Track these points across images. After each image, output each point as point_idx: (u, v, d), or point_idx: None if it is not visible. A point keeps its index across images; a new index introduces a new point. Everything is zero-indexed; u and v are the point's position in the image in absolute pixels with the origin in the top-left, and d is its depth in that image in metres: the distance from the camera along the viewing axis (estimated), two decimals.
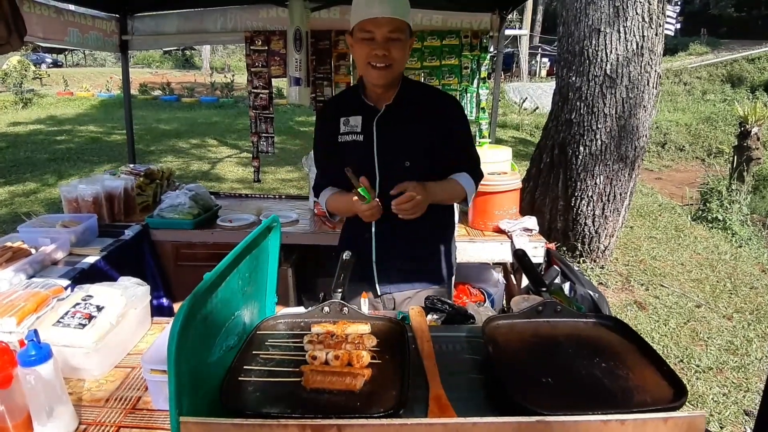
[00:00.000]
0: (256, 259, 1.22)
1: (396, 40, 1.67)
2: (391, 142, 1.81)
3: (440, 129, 1.82)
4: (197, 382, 0.93)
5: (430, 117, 1.81)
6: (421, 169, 1.80)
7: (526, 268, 1.45)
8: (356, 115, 1.84)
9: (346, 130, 1.85)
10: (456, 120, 1.87)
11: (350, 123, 1.85)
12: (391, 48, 1.67)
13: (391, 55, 1.68)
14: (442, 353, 1.21)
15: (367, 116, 1.82)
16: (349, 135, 1.84)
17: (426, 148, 1.82)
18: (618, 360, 1.12)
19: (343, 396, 0.96)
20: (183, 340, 0.80)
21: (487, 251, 2.84)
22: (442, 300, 1.50)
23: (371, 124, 1.81)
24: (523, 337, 1.22)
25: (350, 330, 1.19)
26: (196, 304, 0.85)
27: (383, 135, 1.81)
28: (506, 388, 0.97)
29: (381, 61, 1.68)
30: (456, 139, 1.87)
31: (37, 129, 12.38)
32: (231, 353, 1.08)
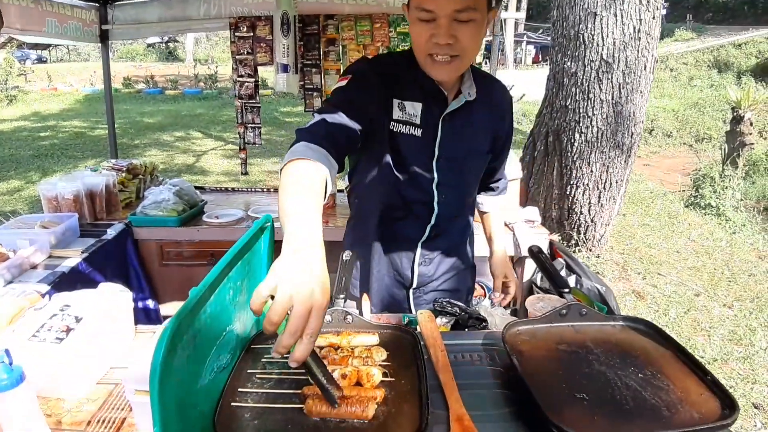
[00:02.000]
0: (249, 264, 1.09)
1: (467, 22, 1.22)
2: (458, 145, 1.45)
3: (501, 132, 1.56)
4: (186, 408, 0.80)
5: (496, 115, 1.52)
6: (477, 182, 1.61)
7: (543, 267, 1.33)
8: (415, 101, 1.39)
9: (401, 117, 1.39)
10: (512, 122, 1.60)
11: (407, 110, 1.39)
12: (459, 32, 1.23)
13: (459, 42, 1.24)
14: (458, 364, 1.10)
15: (431, 106, 1.40)
16: (405, 126, 1.39)
17: (485, 155, 1.55)
18: (656, 368, 1.01)
19: (354, 423, 0.84)
20: (167, 367, 0.68)
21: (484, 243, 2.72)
22: (452, 302, 1.38)
23: (436, 119, 1.41)
24: (548, 345, 1.10)
25: (356, 342, 1.07)
26: (182, 325, 0.72)
27: (448, 134, 1.42)
28: (539, 407, 0.86)
29: (445, 51, 1.25)
30: (506, 147, 1.64)
31: (21, 126, 12.11)
32: (224, 373, 0.95)
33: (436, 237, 1.56)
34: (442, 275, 1.63)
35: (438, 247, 1.58)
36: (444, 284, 1.65)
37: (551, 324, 1.16)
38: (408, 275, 1.59)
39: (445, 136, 1.42)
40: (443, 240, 1.58)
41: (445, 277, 1.64)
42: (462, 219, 1.63)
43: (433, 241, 1.56)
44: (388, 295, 1.63)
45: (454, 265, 1.65)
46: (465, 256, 1.72)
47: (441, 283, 1.64)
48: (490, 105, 1.49)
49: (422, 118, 1.40)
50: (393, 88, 1.39)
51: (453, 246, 1.63)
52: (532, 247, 1.41)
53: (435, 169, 1.45)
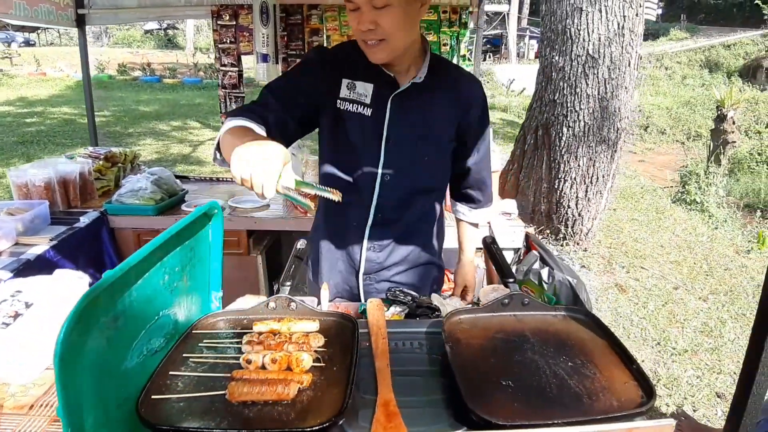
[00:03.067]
0: (191, 250, 1.09)
1: (384, 8, 1.29)
2: (408, 128, 1.47)
3: (466, 125, 1.54)
4: (109, 392, 0.81)
5: (460, 107, 1.51)
6: (439, 171, 1.58)
7: (492, 256, 1.34)
8: (366, 82, 1.46)
9: (349, 96, 1.47)
10: (485, 118, 1.57)
11: (357, 89, 1.46)
12: (379, 18, 1.30)
13: (381, 27, 1.31)
14: (399, 352, 1.11)
15: (381, 88, 1.46)
16: (353, 104, 1.47)
17: (447, 142, 1.54)
18: (587, 358, 1.03)
19: (277, 407, 0.85)
20: (72, 348, 0.68)
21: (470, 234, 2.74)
22: (405, 291, 1.39)
23: (385, 99, 1.46)
24: (486, 334, 1.12)
25: (296, 328, 1.08)
26: (94, 305, 0.73)
27: (399, 117, 1.47)
28: (461, 394, 0.87)
29: (371, 36, 1.33)
30: (479, 144, 1.59)
31: (5, 111, 11.94)
32: (156, 357, 0.96)
33: (385, 223, 1.55)
34: (395, 265, 1.61)
35: (389, 235, 1.57)
36: (400, 276, 1.63)
37: (493, 313, 1.18)
38: (357, 260, 1.60)
39: (394, 118, 1.46)
40: (395, 228, 1.56)
41: (400, 268, 1.62)
42: (416, 209, 1.57)
43: (381, 227, 1.55)
44: (341, 281, 1.64)
45: (411, 258, 1.63)
46: (428, 250, 1.68)
47: (395, 273, 1.62)
48: (455, 96, 1.51)
49: (372, 99, 1.45)
50: (343, 70, 1.47)
51: (408, 236, 1.60)
52: (485, 237, 1.42)
53: (383, 150, 1.48)
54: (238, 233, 2.86)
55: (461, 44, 3.61)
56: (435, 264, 1.73)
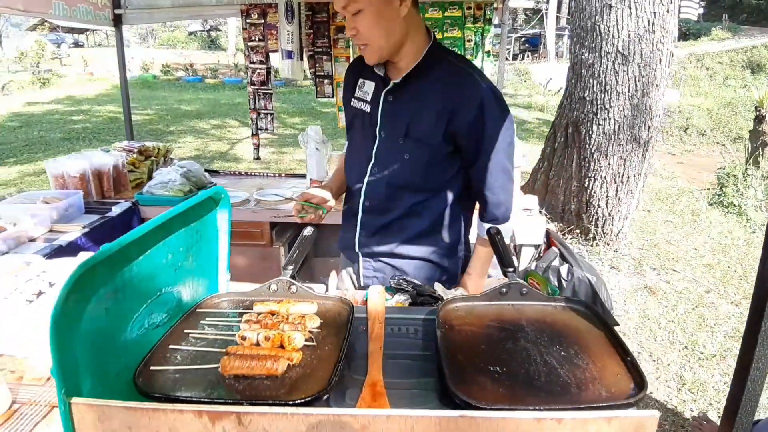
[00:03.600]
0: (198, 233, 1.14)
1: (357, 14, 1.37)
2: (394, 124, 1.52)
3: (456, 128, 1.47)
4: (107, 361, 0.86)
5: (447, 109, 1.46)
6: (422, 170, 1.52)
7: (495, 247, 1.35)
8: (370, 81, 1.56)
9: (358, 95, 1.59)
10: (484, 122, 1.46)
11: (364, 88, 1.57)
12: (357, 23, 1.39)
13: (359, 32, 1.40)
14: (394, 336, 1.13)
15: (378, 86, 1.54)
16: (359, 102, 1.59)
17: (434, 143, 1.49)
18: (581, 348, 1.02)
19: (267, 381, 0.89)
20: (70, 313, 0.73)
21: None
22: (408, 280, 1.41)
23: (379, 97, 1.53)
24: (480, 321, 1.12)
25: (294, 309, 1.11)
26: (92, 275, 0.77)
27: (389, 114, 1.52)
28: (445, 377, 0.88)
29: (356, 41, 1.45)
30: (475, 148, 1.49)
31: (54, 109, 12.49)
32: (158, 331, 1.00)
33: (373, 212, 1.62)
34: (387, 255, 1.65)
35: (377, 223, 1.63)
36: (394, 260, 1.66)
37: (491, 302, 1.18)
38: (354, 243, 1.69)
39: (385, 114, 1.54)
40: (382, 218, 1.61)
41: (392, 260, 1.66)
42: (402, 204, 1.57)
43: (370, 215, 1.63)
44: (347, 260, 1.78)
45: (401, 251, 1.64)
46: (425, 248, 1.65)
47: (389, 263, 1.66)
48: (443, 97, 1.47)
49: (372, 96, 1.56)
50: (361, 72, 1.61)
51: (398, 229, 1.61)
52: (490, 229, 1.42)
53: (375, 146, 1.57)
54: (262, 225, 2.93)
55: (486, 40, 3.59)
56: (437, 265, 1.68)
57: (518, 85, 16.67)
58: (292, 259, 1.24)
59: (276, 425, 0.72)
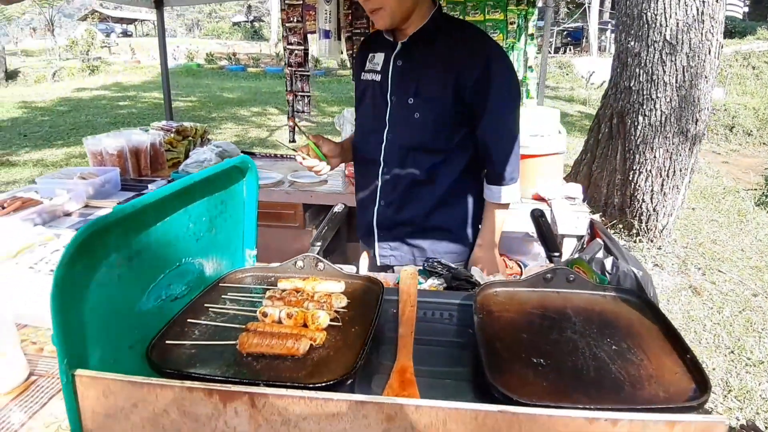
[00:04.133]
0: (222, 203, 1.08)
1: None
2: (404, 87, 1.54)
3: (464, 86, 1.48)
4: (120, 331, 0.81)
5: (454, 67, 1.48)
6: (432, 130, 1.54)
7: (539, 230, 1.24)
8: (380, 52, 1.59)
9: (368, 68, 1.62)
10: (490, 78, 1.48)
11: (374, 60, 1.61)
12: None
13: None
14: (427, 321, 1.04)
15: (388, 53, 1.56)
16: (370, 74, 1.62)
17: (442, 102, 1.51)
18: (634, 342, 0.91)
19: (287, 362, 0.82)
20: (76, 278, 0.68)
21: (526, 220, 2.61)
22: (442, 263, 1.32)
23: (389, 64, 1.56)
24: (523, 308, 1.02)
25: (321, 288, 1.04)
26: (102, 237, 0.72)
27: (399, 78, 1.55)
28: (483, 366, 0.79)
29: (368, 6, 1.45)
30: (482, 105, 1.51)
31: (101, 95, 12.88)
32: (177, 303, 0.95)
33: (392, 180, 1.62)
34: (405, 225, 1.66)
35: (396, 192, 1.63)
36: (411, 238, 1.67)
37: (534, 288, 1.08)
38: (372, 215, 1.69)
39: (395, 79, 1.55)
40: (401, 185, 1.62)
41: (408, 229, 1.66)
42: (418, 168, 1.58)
43: (389, 184, 1.63)
44: (364, 234, 1.76)
45: (419, 221, 1.64)
46: (441, 217, 1.65)
47: (406, 234, 1.66)
48: (450, 55, 1.50)
49: (383, 65, 1.58)
50: (370, 47, 1.65)
51: (415, 197, 1.62)
52: (534, 210, 1.32)
53: (388, 112, 1.58)
54: (295, 206, 2.89)
55: (529, 23, 3.43)
56: (455, 236, 1.68)
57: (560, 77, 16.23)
58: (321, 236, 1.17)
59: (292, 410, 0.65)
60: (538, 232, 1.26)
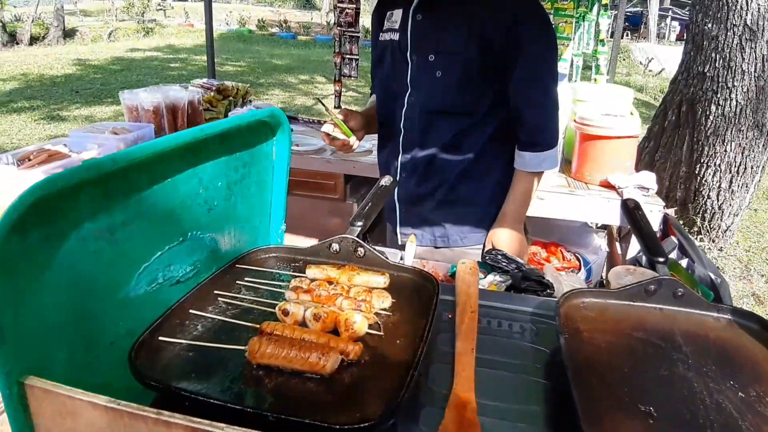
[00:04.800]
0: (245, 167, 0.87)
1: None
2: (424, 43, 1.39)
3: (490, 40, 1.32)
4: (98, 324, 0.62)
5: (479, 20, 1.32)
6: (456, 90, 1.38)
7: (637, 226, 0.98)
8: (398, 9, 1.45)
9: (386, 26, 1.48)
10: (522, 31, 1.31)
11: (392, 18, 1.47)
12: None
13: None
14: (491, 333, 0.82)
15: (407, 9, 1.42)
16: (388, 33, 1.48)
17: (466, 57, 1.34)
18: (765, 389, 0.67)
19: (309, 382, 0.61)
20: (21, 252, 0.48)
21: (590, 209, 2.33)
22: (508, 256, 1.09)
23: (407, 20, 1.41)
24: (619, 329, 0.79)
25: (359, 280, 0.83)
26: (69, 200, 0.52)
27: (419, 34, 1.40)
28: (576, 415, 0.57)
29: None
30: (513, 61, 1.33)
31: (153, 56, 13.00)
32: (179, 288, 0.76)
33: (413, 148, 1.47)
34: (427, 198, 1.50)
35: (417, 161, 1.47)
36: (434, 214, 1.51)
37: (632, 302, 0.84)
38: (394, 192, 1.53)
39: (415, 35, 1.40)
40: (422, 155, 1.46)
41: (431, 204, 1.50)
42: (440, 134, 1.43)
43: (410, 153, 1.48)
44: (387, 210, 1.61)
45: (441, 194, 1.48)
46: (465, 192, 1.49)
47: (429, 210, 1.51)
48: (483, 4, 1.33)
49: (401, 23, 1.42)
50: (387, 5, 1.50)
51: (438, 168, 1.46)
52: (627, 200, 1.06)
53: (409, 72, 1.42)
54: (336, 177, 2.69)
55: None
56: (480, 210, 1.51)
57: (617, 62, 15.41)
58: (363, 214, 0.95)
59: None
60: (633, 227, 1.00)
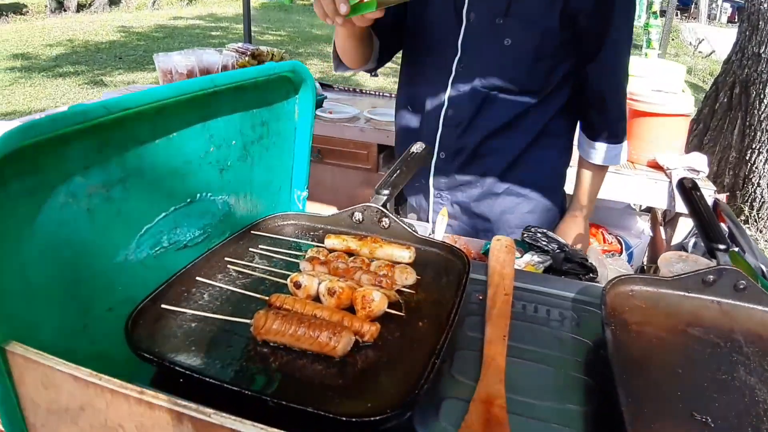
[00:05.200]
0: (263, 125, 0.80)
1: None
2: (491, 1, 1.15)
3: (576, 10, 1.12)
4: (91, 289, 0.57)
5: None
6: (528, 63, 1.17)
7: (695, 209, 0.87)
8: None
9: None
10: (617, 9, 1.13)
11: None
12: None
13: None
14: (527, 320, 0.73)
15: None
16: None
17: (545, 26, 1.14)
18: None
19: (317, 364, 0.55)
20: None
21: (635, 190, 2.21)
22: (549, 235, 1.00)
23: None
24: (672, 323, 0.69)
25: (381, 253, 0.76)
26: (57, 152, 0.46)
27: None
28: (622, 419, 0.49)
29: None
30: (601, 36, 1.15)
31: (196, 24, 13.06)
32: (186, 253, 0.70)
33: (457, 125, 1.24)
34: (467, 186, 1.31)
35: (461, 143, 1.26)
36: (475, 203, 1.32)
37: (687, 293, 0.74)
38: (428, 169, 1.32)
39: None
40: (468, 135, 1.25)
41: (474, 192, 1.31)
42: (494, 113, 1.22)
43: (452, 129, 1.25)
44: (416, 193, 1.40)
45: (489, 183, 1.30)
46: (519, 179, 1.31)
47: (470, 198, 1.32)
48: None
49: None
50: None
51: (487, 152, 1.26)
52: (683, 179, 0.95)
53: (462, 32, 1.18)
54: (369, 146, 2.61)
55: None
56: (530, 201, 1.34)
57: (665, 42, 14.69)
58: (390, 182, 0.87)
59: None
60: (690, 210, 0.89)
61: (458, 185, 1.32)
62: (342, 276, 0.68)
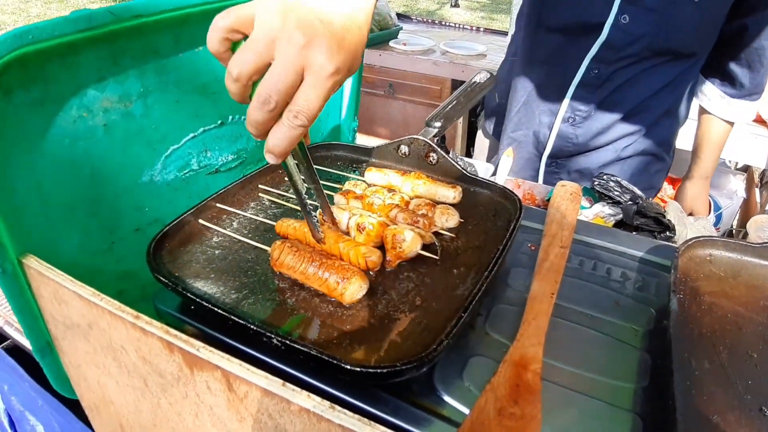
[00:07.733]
0: None
1: None
2: None
3: None
4: (115, 209, 0.56)
5: None
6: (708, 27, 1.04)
7: None
8: None
9: None
10: None
11: None
12: None
13: None
14: (583, 278, 0.65)
15: None
16: None
17: None
18: None
19: (331, 304, 0.51)
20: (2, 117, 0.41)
21: (732, 144, 1.94)
22: (623, 184, 0.88)
23: None
24: (754, 298, 0.59)
25: (423, 191, 0.69)
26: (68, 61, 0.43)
27: None
28: (673, 405, 0.41)
29: None
30: None
31: None
32: (217, 178, 0.67)
33: (600, 84, 1.09)
34: (596, 150, 1.17)
35: (600, 109, 1.12)
36: (594, 162, 1.19)
37: None
38: (546, 133, 1.19)
39: None
40: (610, 98, 1.10)
41: (603, 158, 1.18)
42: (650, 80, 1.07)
43: (590, 89, 1.10)
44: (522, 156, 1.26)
45: (620, 145, 1.16)
46: (653, 137, 1.18)
47: (595, 165, 1.19)
48: None
49: None
50: None
51: (628, 117, 1.12)
52: None
53: None
54: (442, 81, 2.47)
55: None
56: (651, 161, 1.22)
57: None
58: (443, 113, 0.79)
59: (289, 419, 0.35)
60: None
61: (579, 153, 1.21)
62: (378, 211, 0.62)
